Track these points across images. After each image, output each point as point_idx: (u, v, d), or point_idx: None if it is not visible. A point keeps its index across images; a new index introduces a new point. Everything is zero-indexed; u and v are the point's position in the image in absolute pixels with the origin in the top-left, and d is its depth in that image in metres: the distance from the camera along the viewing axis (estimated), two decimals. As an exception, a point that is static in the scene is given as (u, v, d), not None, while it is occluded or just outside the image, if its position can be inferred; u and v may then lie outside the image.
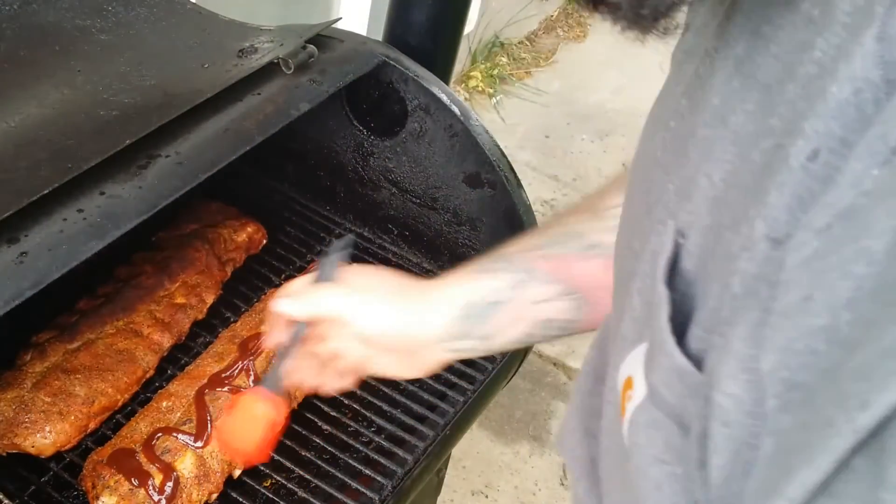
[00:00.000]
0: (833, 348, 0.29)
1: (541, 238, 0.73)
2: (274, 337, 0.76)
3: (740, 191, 0.36)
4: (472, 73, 3.27)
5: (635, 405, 0.41)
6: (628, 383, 0.43)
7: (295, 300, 0.73)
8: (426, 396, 1.05)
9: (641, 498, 0.40)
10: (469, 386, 1.06)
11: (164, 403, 0.94)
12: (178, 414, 0.93)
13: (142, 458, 0.89)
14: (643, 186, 0.49)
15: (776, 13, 0.37)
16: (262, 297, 1.12)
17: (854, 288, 0.29)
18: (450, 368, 1.08)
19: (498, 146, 1.11)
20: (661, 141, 0.47)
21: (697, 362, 0.37)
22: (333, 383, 0.79)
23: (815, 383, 0.30)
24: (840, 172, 0.31)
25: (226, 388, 0.96)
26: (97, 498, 0.87)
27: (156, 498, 0.87)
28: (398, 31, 1.18)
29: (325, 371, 0.78)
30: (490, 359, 1.10)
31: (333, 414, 1.01)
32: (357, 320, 0.72)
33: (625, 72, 3.25)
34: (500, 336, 0.72)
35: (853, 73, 0.30)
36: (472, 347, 0.73)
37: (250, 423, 0.75)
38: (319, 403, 1.02)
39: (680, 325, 0.38)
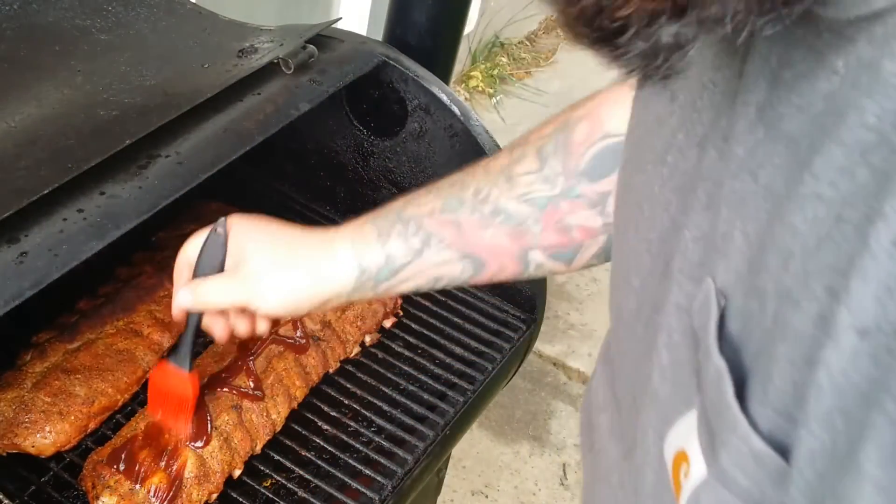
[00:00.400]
0: None
1: (445, 197, 0.73)
2: (177, 316, 0.80)
3: (786, 258, 0.34)
4: (472, 73, 3.27)
5: (696, 484, 0.39)
6: (681, 457, 0.40)
7: (192, 294, 0.76)
8: (426, 396, 1.05)
9: None
10: (469, 386, 1.06)
11: None
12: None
13: (142, 458, 0.89)
14: (639, 221, 0.48)
15: (798, 58, 0.35)
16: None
17: None
18: (450, 368, 1.09)
19: (498, 146, 1.11)
20: (656, 175, 0.46)
21: (776, 445, 0.34)
22: (244, 328, 0.81)
23: None
24: None
25: (226, 389, 0.96)
26: (97, 498, 0.87)
27: (156, 498, 0.87)
28: (398, 31, 1.18)
29: (233, 323, 0.81)
30: (490, 359, 1.10)
31: (333, 414, 1.01)
32: (260, 306, 0.74)
33: (625, 72, 3.25)
34: (393, 289, 0.75)
35: None
36: (368, 296, 0.76)
37: (162, 398, 0.87)
38: (319, 403, 1.02)
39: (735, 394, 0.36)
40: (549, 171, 0.69)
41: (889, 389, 0.29)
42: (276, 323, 0.91)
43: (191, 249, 0.79)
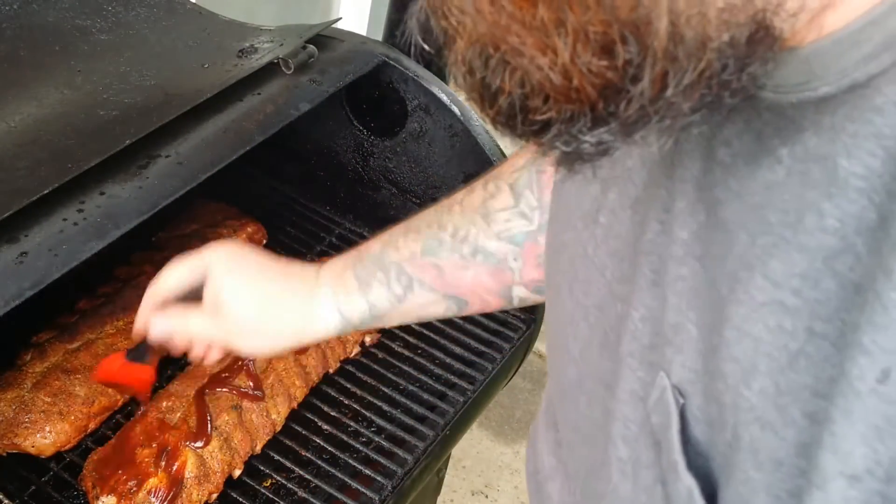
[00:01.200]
0: None
1: (422, 239, 0.72)
2: (140, 331, 0.77)
3: (748, 372, 0.31)
4: (472, 73, 3.26)
5: None
6: None
7: (165, 323, 0.75)
8: (426, 396, 1.05)
9: None
10: (469, 386, 1.06)
11: (165, 403, 0.94)
12: (178, 414, 0.93)
13: (142, 458, 0.89)
14: (573, 284, 0.45)
15: (734, 134, 0.33)
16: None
17: None
18: (450, 368, 1.09)
19: (498, 146, 1.11)
20: (589, 235, 0.43)
21: None
22: (215, 354, 0.79)
23: None
24: None
25: (226, 389, 0.96)
26: (97, 498, 0.87)
27: (156, 498, 0.87)
28: (398, 31, 1.18)
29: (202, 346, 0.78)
30: (490, 359, 1.10)
31: (333, 414, 1.01)
32: (240, 348, 0.74)
33: (625, 72, 3.25)
34: (379, 327, 0.77)
35: None
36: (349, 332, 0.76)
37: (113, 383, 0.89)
38: (319, 403, 1.02)
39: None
40: (524, 205, 0.67)
41: None
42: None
43: (167, 279, 0.76)
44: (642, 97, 0.28)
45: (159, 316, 0.75)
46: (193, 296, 0.74)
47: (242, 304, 0.72)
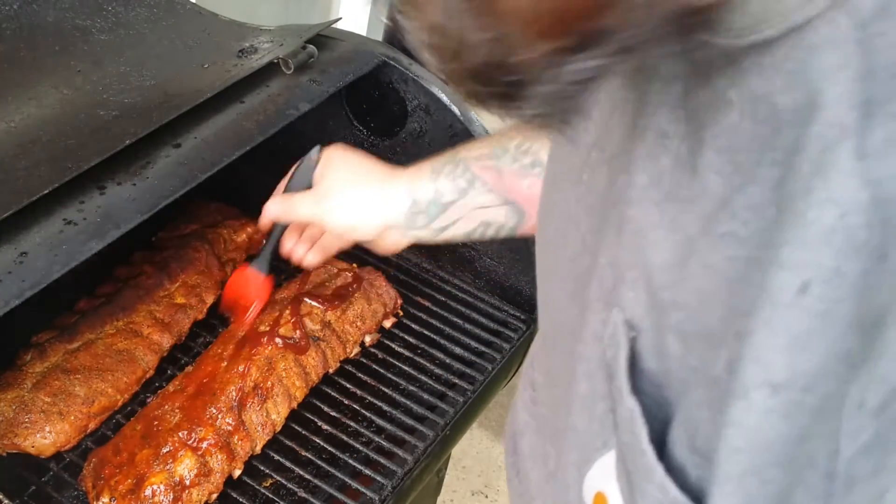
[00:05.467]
0: None
1: (494, 146, 0.80)
2: (264, 226, 0.95)
3: (705, 298, 0.33)
4: (472, 73, 3.26)
5: None
6: (601, 499, 0.39)
7: (278, 205, 0.90)
8: (426, 396, 1.05)
9: None
10: (469, 386, 1.06)
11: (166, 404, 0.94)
12: (179, 414, 0.93)
13: (142, 459, 0.89)
14: (555, 240, 0.47)
15: (697, 86, 0.34)
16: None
17: None
18: (450, 368, 1.09)
19: (498, 146, 1.11)
20: (572, 193, 0.44)
21: (692, 493, 0.33)
22: (316, 256, 0.95)
23: None
24: (842, 308, 0.27)
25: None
26: (97, 498, 0.87)
27: (156, 498, 0.87)
28: (398, 30, 1.18)
29: (305, 247, 0.95)
30: (490, 359, 1.10)
31: (333, 414, 1.01)
32: (328, 222, 0.86)
33: (625, 72, 3.25)
34: (449, 230, 0.83)
35: (833, 195, 0.27)
36: (424, 236, 0.85)
37: (235, 296, 1.05)
38: (319, 403, 1.02)
39: (657, 436, 0.35)
40: None
41: (811, 460, 0.28)
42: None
43: (290, 172, 0.93)
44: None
45: (272, 201, 0.91)
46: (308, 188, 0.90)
47: (338, 180, 0.86)
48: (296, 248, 0.95)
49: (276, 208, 0.91)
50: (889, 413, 0.26)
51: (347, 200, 0.85)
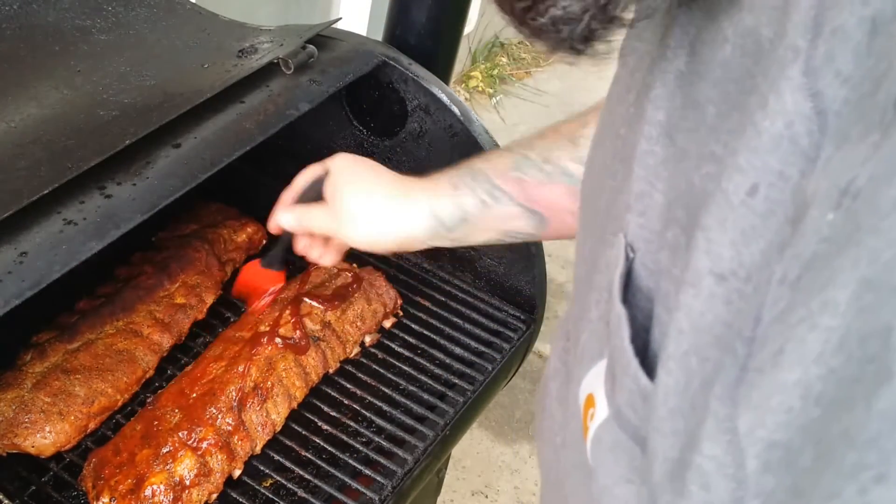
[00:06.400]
0: (808, 405, 0.28)
1: (513, 157, 0.80)
2: (274, 228, 0.95)
3: (684, 212, 0.36)
4: (472, 73, 3.27)
5: (598, 424, 0.41)
6: (590, 401, 0.42)
7: (292, 217, 0.91)
8: (426, 396, 1.05)
9: None
10: (469, 386, 1.06)
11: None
12: (179, 414, 0.93)
13: (142, 459, 0.89)
14: (595, 193, 0.49)
15: (707, 33, 0.37)
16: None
17: (822, 341, 0.27)
18: (450, 368, 1.09)
19: (498, 146, 1.11)
20: (611, 148, 0.47)
21: None
22: (332, 257, 0.96)
23: (797, 442, 0.28)
24: (781, 207, 0.30)
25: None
26: (97, 498, 0.87)
27: (156, 498, 0.87)
28: (398, 31, 1.18)
29: (320, 248, 0.95)
30: (490, 359, 1.10)
31: (333, 414, 1.01)
32: (347, 237, 0.86)
33: (625, 72, 3.25)
34: (468, 239, 0.83)
35: (784, 107, 0.30)
36: (446, 244, 0.85)
37: (246, 290, 1.09)
38: (319, 403, 1.02)
39: (642, 342, 0.38)
40: None
41: (740, 333, 0.32)
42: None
43: (296, 182, 0.92)
44: None
45: (286, 211, 0.91)
46: (318, 198, 0.90)
47: (353, 195, 0.85)
48: (310, 249, 0.95)
49: (290, 220, 0.91)
50: (802, 284, 0.29)
51: (366, 216, 0.84)
